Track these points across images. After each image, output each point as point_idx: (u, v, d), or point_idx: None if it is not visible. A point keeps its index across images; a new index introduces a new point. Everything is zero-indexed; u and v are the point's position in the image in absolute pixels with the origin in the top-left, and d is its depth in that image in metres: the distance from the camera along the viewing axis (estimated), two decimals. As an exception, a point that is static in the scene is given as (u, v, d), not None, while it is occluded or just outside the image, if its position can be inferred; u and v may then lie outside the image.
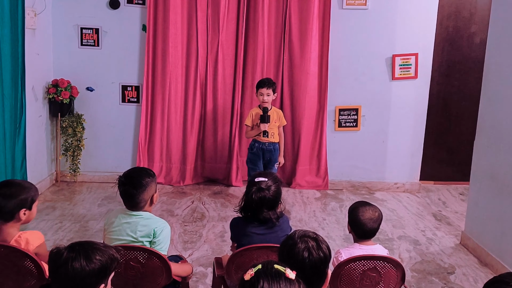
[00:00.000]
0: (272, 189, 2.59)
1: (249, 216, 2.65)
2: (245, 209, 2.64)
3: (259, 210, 2.58)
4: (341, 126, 5.69)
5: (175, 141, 5.59)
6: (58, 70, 5.36)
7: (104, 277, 1.78)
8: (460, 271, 3.86)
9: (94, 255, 1.74)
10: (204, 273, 3.61)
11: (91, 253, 1.74)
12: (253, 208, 2.59)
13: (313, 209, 5.10)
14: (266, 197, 2.56)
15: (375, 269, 2.46)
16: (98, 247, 1.78)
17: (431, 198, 5.64)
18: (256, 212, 2.59)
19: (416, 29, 5.51)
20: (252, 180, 2.64)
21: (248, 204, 2.60)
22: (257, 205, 2.56)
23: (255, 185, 2.58)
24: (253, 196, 2.55)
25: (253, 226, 2.62)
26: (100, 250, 1.77)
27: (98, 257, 1.74)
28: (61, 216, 4.58)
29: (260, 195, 2.55)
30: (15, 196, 2.40)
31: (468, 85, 5.97)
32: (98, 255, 1.75)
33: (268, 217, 2.58)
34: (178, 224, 4.51)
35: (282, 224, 2.65)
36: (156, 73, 5.45)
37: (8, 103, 4.32)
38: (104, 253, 1.77)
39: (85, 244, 1.78)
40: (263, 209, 2.58)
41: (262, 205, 2.57)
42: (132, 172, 2.65)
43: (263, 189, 2.56)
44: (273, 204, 2.61)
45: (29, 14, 4.68)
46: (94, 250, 1.75)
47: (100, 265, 1.74)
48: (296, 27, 5.44)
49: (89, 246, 1.77)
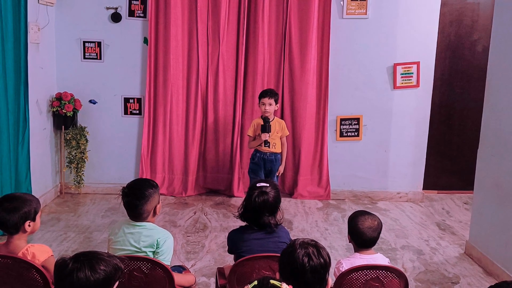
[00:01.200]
0: (273, 194, 2.64)
1: (248, 223, 2.68)
2: (245, 214, 2.67)
3: (260, 214, 2.61)
4: (342, 135, 5.70)
5: (177, 152, 5.61)
6: (61, 83, 5.41)
7: (109, 286, 1.79)
8: (465, 281, 3.84)
9: (99, 265, 1.75)
10: (207, 283, 3.60)
11: (95, 264, 1.75)
12: (254, 211, 2.61)
13: (315, 219, 5.09)
14: (268, 200, 2.60)
15: (377, 278, 2.45)
16: (103, 257, 1.79)
17: (435, 208, 5.62)
18: (257, 217, 2.62)
19: (417, 37, 5.52)
20: (253, 185, 2.69)
21: (249, 209, 2.63)
22: (259, 208, 2.60)
23: (257, 189, 2.63)
24: (256, 200, 2.59)
25: (251, 232, 2.66)
26: (104, 260, 1.78)
27: (103, 267, 1.76)
28: (66, 227, 4.59)
29: (263, 198, 2.60)
30: (18, 209, 2.43)
31: (471, 93, 5.97)
32: (103, 265, 1.76)
33: (268, 222, 2.62)
34: (180, 234, 4.51)
35: (280, 232, 2.68)
36: (157, 85, 5.48)
37: (12, 116, 4.36)
38: (109, 263, 1.78)
39: (89, 255, 1.79)
40: (265, 213, 2.61)
41: (264, 208, 2.60)
42: (135, 183, 2.68)
43: (265, 192, 2.61)
44: (274, 209, 2.65)
45: (32, 28, 4.73)
46: (99, 261, 1.77)
47: (105, 275, 1.75)
48: (296, 37, 5.47)
49: (93, 257, 1.78)
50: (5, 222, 2.41)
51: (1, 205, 2.43)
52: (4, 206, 2.42)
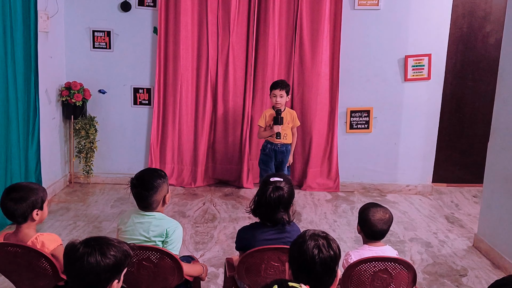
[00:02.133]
0: (287, 189, 2.57)
1: (260, 219, 2.62)
2: (258, 210, 2.61)
3: (275, 210, 2.54)
4: (352, 128, 5.67)
5: (186, 143, 5.62)
6: (70, 72, 5.42)
7: (118, 272, 1.80)
8: (473, 274, 3.83)
9: (109, 250, 1.76)
10: (216, 274, 3.62)
11: (106, 249, 1.76)
12: (269, 207, 2.54)
13: (324, 211, 5.09)
14: (284, 196, 2.54)
15: (386, 270, 2.44)
16: (113, 243, 1.80)
17: (444, 201, 5.60)
18: (271, 212, 2.55)
19: (429, 29, 5.47)
20: (267, 180, 2.62)
21: (262, 204, 2.56)
22: (274, 204, 2.53)
23: (271, 184, 2.56)
24: (271, 195, 2.52)
25: (262, 232, 2.59)
26: (114, 246, 1.79)
27: (113, 253, 1.76)
28: (75, 217, 4.62)
29: (278, 194, 2.53)
30: (25, 199, 2.44)
31: (482, 86, 5.91)
32: (113, 250, 1.77)
33: (281, 218, 2.56)
34: (189, 225, 4.53)
35: (293, 232, 2.60)
36: (167, 75, 5.48)
37: (21, 106, 4.37)
38: (119, 249, 1.79)
39: (100, 240, 1.80)
40: (280, 208, 2.55)
41: (279, 204, 2.54)
42: (144, 174, 2.67)
43: (280, 188, 2.55)
44: (288, 205, 2.59)
45: (42, 17, 4.73)
46: (109, 246, 1.78)
47: (115, 260, 1.76)
48: (307, 28, 5.44)
49: (104, 242, 1.79)
50: (13, 212, 2.43)
51: (8, 195, 2.45)
52: (11, 196, 2.44)
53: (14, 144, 4.25)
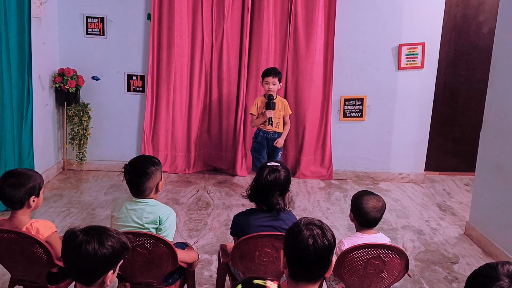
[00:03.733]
0: (283, 172, 2.60)
1: (256, 203, 2.64)
2: (254, 193, 2.63)
3: (271, 192, 2.56)
4: (346, 116, 5.69)
5: (180, 130, 5.61)
6: (64, 59, 5.38)
7: (114, 263, 1.81)
8: (464, 261, 3.88)
9: (108, 241, 1.77)
10: (209, 260, 3.64)
11: (104, 239, 1.77)
12: (265, 189, 2.56)
13: (317, 198, 5.11)
14: (280, 178, 2.56)
15: (378, 257, 2.47)
16: (112, 234, 1.80)
17: (436, 189, 5.64)
18: (267, 195, 2.57)
19: (423, 18, 5.47)
20: (264, 164, 2.65)
21: (259, 186, 2.58)
22: (270, 186, 2.55)
23: (268, 167, 2.59)
24: (267, 177, 2.55)
25: (257, 218, 2.60)
26: (113, 237, 1.79)
27: (111, 243, 1.77)
28: (69, 204, 4.62)
29: (275, 175, 2.56)
30: (23, 185, 2.44)
31: (476, 75, 5.93)
32: (111, 241, 1.77)
33: (276, 203, 2.58)
34: (183, 212, 4.54)
35: (287, 219, 2.61)
36: (161, 62, 5.45)
37: (15, 92, 4.35)
38: (117, 240, 1.80)
39: (99, 229, 1.80)
40: (276, 192, 2.57)
41: (276, 186, 2.56)
42: (137, 160, 2.67)
43: (277, 170, 2.58)
44: (284, 189, 2.61)
45: (35, 3, 4.68)
46: (108, 236, 1.78)
47: (112, 251, 1.77)
48: (302, 15, 5.42)
49: (103, 232, 1.79)
50: (11, 197, 2.43)
51: (6, 180, 2.44)
52: (10, 182, 2.43)
53: (8, 130, 4.23)
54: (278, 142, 5.03)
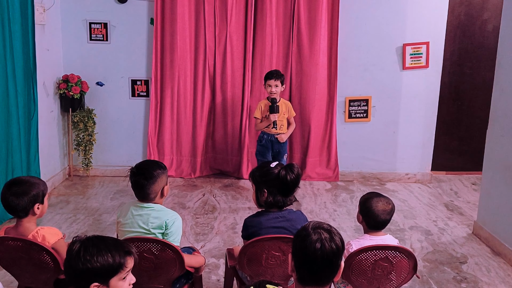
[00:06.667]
0: (296, 171, 2.60)
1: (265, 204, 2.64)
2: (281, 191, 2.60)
3: (292, 190, 2.58)
4: (351, 117, 5.67)
5: (185, 134, 5.61)
6: (68, 65, 5.40)
7: (105, 278, 1.76)
8: (473, 261, 3.84)
9: (101, 255, 1.72)
10: (217, 264, 3.63)
11: (103, 250, 1.73)
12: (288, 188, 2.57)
13: (323, 200, 5.09)
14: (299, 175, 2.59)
15: (386, 258, 2.45)
16: (112, 244, 1.76)
17: (443, 188, 5.61)
18: (288, 193, 2.58)
19: (427, 17, 5.45)
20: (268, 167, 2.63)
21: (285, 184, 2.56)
22: (293, 185, 2.56)
23: (277, 167, 2.58)
24: (287, 178, 2.53)
25: (269, 219, 2.59)
26: (109, 251, 1.74)
27: (108, 256, 1.73)
28: (75, 210, 4.62)
29: (296, 173, 2.56)
30: (27, 193, 2.43)
31: (481, 74, 5.90)
32: (103, 257, 1.72)
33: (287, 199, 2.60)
34: (189, 216, 4.54)
35: (298, 219, 2.61)
36: (164, 67, 5.46)
37: (21, 99, 4.36)
38: (111, 255, 1.74)
39: (97, 239, 1.77)
40: (296, 188, 2.59)
41: (297, 184, 2.58)
42: (144, 163, 2.68)
43: (293, 165, 2.58)
44: (294, 187, 2.62)
45: (38, 9, 4.70)
46: (102, 251, 1.73)
47: (101, 267, 1.72)
48: (305, 17, 5.41)
49: (100, 245, 1.75)
50: (15, 206, 2.42)
51: (9, 189, 2.43)
52: (13, 190, 2.42)
53: (15, 138, 4.24)
54: (280, 136, 4.93)
